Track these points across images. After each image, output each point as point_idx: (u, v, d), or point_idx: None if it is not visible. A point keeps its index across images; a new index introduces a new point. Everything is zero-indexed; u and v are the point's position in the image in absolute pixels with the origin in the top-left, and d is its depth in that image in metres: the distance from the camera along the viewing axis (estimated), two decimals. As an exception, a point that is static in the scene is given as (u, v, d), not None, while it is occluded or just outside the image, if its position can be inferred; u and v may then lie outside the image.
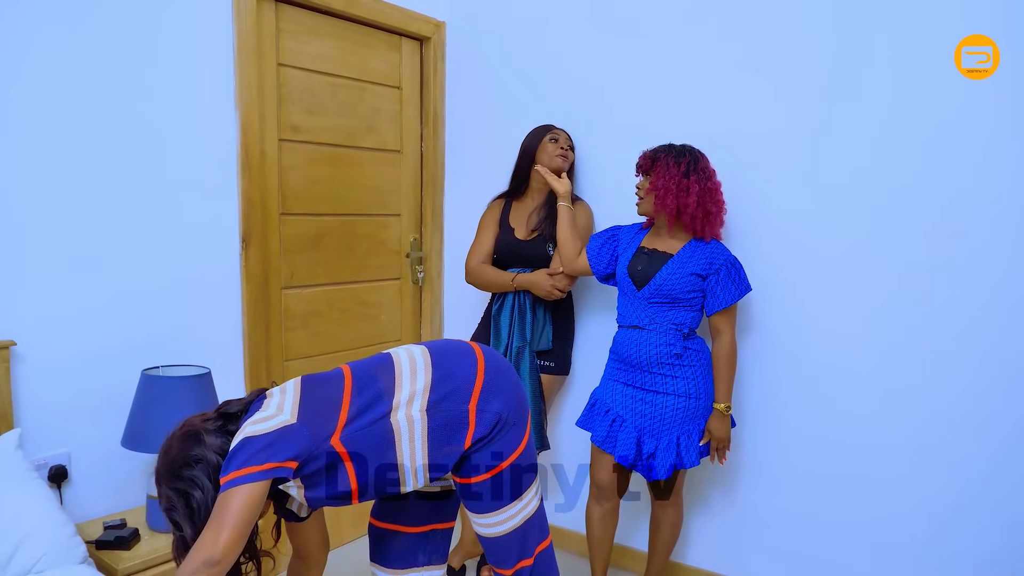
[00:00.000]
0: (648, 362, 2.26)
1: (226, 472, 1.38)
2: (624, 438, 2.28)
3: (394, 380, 1.57)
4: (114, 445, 2.15)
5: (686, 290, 2.23)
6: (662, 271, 2.25)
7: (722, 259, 2.24)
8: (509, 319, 2.60)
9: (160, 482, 1.48)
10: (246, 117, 2.43)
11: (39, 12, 1.95)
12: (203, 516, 1.41)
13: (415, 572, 1.86)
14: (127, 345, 2.19)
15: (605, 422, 2.33)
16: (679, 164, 2.22)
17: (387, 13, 2.90)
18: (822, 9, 2.33)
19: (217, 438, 1.48)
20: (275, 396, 1.53)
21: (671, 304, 2.25)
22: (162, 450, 1.50)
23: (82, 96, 2.05)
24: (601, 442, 2.33)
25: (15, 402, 1.97)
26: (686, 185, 2.20)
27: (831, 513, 2.43)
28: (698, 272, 2.23)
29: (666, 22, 2.61)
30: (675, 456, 2.25)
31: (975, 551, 2.21)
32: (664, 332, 2.26)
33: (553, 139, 2.64)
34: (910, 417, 2.28)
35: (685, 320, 2.26)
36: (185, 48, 2.27)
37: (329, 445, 1.47)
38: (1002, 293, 2.13)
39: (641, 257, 2.33)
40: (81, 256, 2.08)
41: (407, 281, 3.19)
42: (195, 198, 2.34)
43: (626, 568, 2.81)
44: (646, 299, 2.28)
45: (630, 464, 2.28)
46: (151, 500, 2.06)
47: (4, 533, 1.53)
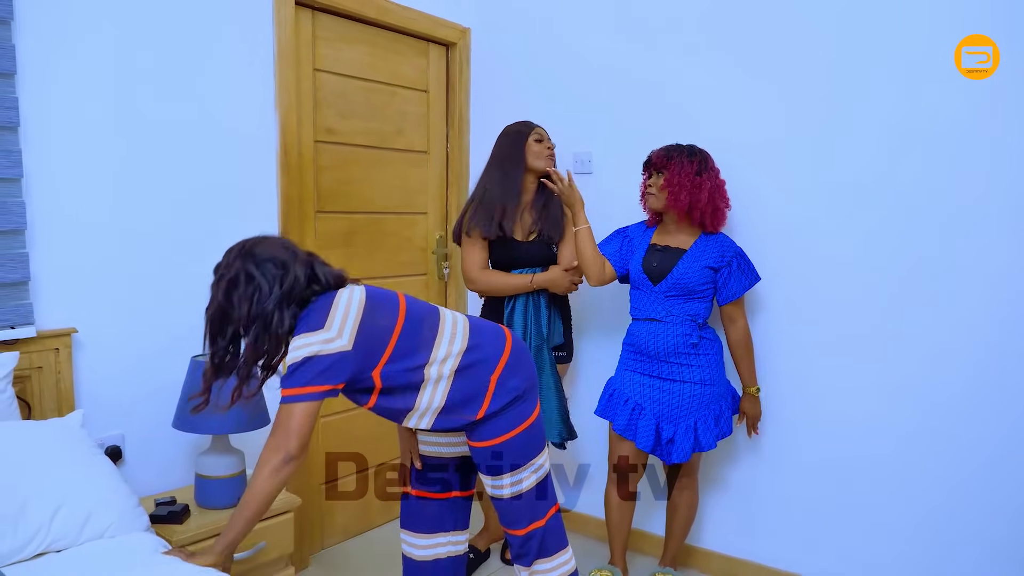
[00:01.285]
0: (666, 352, 2.39)
1: (291, 386, 1.59)
2: (644, 425, 2.41)
3: (436, 335, 1.75)
4: (164, 427, 2.29)
5: (700, 283, 2.37)
6: (678, 266, 2.38)
7: (732, 251, 2.40)
8: (523, 319, 2.56)
9: (234, 258, 1.67)
10: (285, 120, 2.57)
11: (94, 19, 2.10)
12: (254, 306, 1.62)
13: (444, 536, 2.03)
14: (176, 333, 2.33)
15: (625, 411, 2.45)
16: (691, 162, 2.36)
17: (415, 20, 3.04)
18: (825, 14, 2.44)
19: (296, 291, 1.65)
20: (340, 309, 1.64)
21: (686, 296, 2.38)
22: (254, 239, 1.71)
23: (134, 101, 2.20)
24: (623, 430, 2.45)
25: (75, 385, 2.12)
26: (699, 182, 2.34)
27: (843, 499, 2.53)
28: (711, 265, 2.37)
29: (686, 28, 2.73)
30: (693, 440, 2.38)
31: (982, 539, 2.30)
32: (681, 323, 2.39)
33: (538, 139, 2.59)
34: (917, 407, 2.38)
35: (699, 311, 2.40)
36: (230, 56, 2.42)
37: (370, 376, 1.68)
38: (1004, 288, 2.23)
39: (655, 254, 2.45)
40: (135, 251, 2.23)
41: (433, 276, 3.32)
42: (238, 197, 2.48)
43: (643, 552, 2.93)
44: (663, 293, 2.41)
45: (651, 450, 2.41)
46: (200, 479, 2.20)
47: (78, 502, 1.67)
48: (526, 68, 3.16)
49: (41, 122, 2.00)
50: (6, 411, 1.85)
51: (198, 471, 2.21)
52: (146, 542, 1.70)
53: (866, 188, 2.42)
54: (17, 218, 1.95)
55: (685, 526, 2.61)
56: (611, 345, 2.84)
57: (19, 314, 1.98)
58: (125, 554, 1.61)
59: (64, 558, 1.59)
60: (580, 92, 3.00)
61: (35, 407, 2.03)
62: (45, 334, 2.02)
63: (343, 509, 2.96)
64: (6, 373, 1.86)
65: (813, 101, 2.49)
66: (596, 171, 2.97)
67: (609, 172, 2.93)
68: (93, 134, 2.12)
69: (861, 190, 2.43)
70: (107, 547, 1.64)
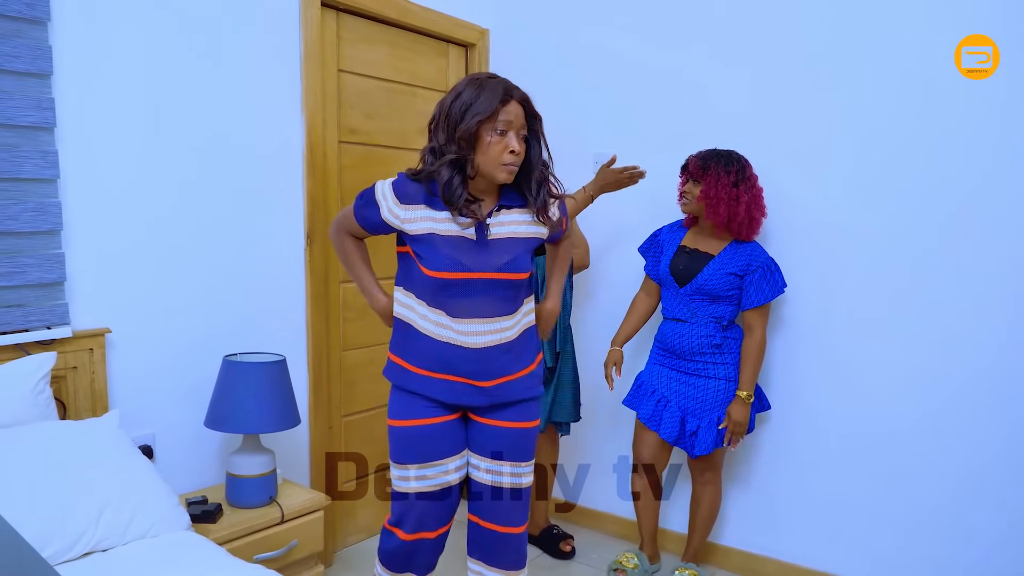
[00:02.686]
0: (691, 351, 2.44)
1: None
2: (669, 417, 2.47)
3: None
4: (194, 427, 2.31)
5: (725, 288, 2.40)
6: (704, 271, 2.42)
7: (759, 261, 2.40)
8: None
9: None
10: (311, 121, 2.58)
11: (127, 20, 2.10)
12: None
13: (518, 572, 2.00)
14: (207, 333, 2.34)
15: (651, 402, 2.52)
16: (729, 173, 2.36)
17: (436, 21, 3.05)
18: (826, 15, 2.49)
19: None
20: None
21: (711, 300, 2.42)
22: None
23: (165, 103, 2.20)
24: (647, 420, 2.51)
25: (108, 385, 2.13)
26: (736, 195, 2.35)
27: (861, 493, 2.56)
28: (736, 272, 2.40)
29: (705, 28, 2.75)
30: (716, 434, 2.43)
31: (995, 526, 2.34)
32: (705, 324, 2.42)
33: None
34: (937, 402, 2.41)
35: (725, 313, 2.43)
36: (258, 57, 2.43)
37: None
38: (1009, 285, 2.26)
39: (682, 256, 2.49)
40: (166, 250, 2.24)
41: (451, 276, 3.34)
42: (266, 197, 2.49)
43: (663, 548, 2.95)
44: (688, 295, 2.44)
45: (674, 440, 2.46)
46: (231, 478, 2.22)
47: (122, 502, 1.68)
48: (544, 69, 3.17)
49: (77, 123, 2.01)
50: (45, 411, 1.85)
51: (229, 470, 2.22)
52: (190, 541, 1.71)
53: (885, 186, 2.44)
54: (54, 218, 1.96)
55: (708, 521, 2.64)
56: (640, 346, 2.87)
57: (55, 314, 1.98)
58: (172, 553, 1.63)
59: (112, 558, 1.60)
60: (599, 92, 3.02)
61: (70, 407, 2.04)
62: (80, 334, 2.03)
63: (364, 507, 2.98)
64: (45, 373, 1.87)
65: (815, 102, 2.53)
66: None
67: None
68: (126, 135, 2.12)
69: (862, 189, 2.47)
70: (153, 546, 1.66)
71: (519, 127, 1.73)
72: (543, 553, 2.94)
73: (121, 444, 1.86)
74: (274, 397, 2.21)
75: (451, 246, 1.75)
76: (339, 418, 2.84)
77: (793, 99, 2.58)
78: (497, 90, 1.70)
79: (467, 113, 1.69)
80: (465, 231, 1.76)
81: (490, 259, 1.77)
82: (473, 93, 1.70)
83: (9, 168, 1.87)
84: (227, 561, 1.59)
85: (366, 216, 1.85)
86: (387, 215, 1.79)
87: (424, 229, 1.76)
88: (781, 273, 2.46)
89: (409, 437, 1.84)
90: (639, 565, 2.62)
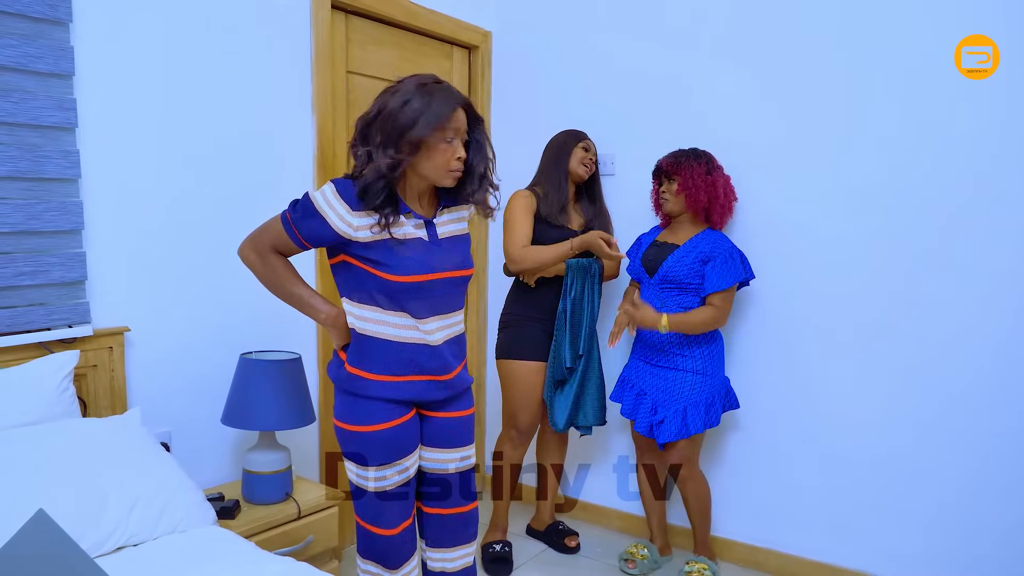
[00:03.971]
0: (660, 343, 2.57)
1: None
2: (644, 409, 2.59)
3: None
4: (209, 424, 2.33)
5: (690, 275, 2.51)
6: (668, 259, 2.55)
7: (722, 247, 2.53)
8: (584, 302, 2.71)
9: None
10: (321, 121, 2.61)
11: (145, 23, 2.12)
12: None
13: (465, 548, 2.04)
14: (219, 333, 2.36)
15: (631, 395, 2.65)
16: (700, 164, 2.53)
17: (440, 23, 3.09)
18: (827, 16, 2.55)
19: None
20: None
21: (680, 290, 2.54)
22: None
23: (182, 104, 2.23)
24: (627, 413, 2.66)
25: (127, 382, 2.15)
26: (711, 181, 2.52)
27: (863, 487, 2.63)
28: (700, 259, 2.51)
29: (704, 33, 2.81)
30: (680, 424, 2.52)
31: (1001, 521, 2.41)
32: None
33: (585, 148, 2.77)
34: (932, 396, 2.48)
35: (693, 305, 2.54)
36: (270, 58, 2.45)
37: None
38: (1008, 283, 2.33)
39: (653, 248, 2.64)
40: (183, 250, 2.26)
41: (454, 275, 3.37)
42: (278, 198, 2.48)
43: (674, 543, 2.98)
44: (657, 285, 2.57)
45: (646, 432, 2.57)
46: (247, 474, 2.24)
47: (152, 497, 1.71)
48: (545, 71, 3.22)
49: (97, 123, 2.03)
50: (69, 408, 1.87)
51: (246, 467, 2.25)
52: (219, 536, 1.74)
53: (869, 186, 2.52)
54: (75, 218, 1.98)
55: (702, 514, 2.71)
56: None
57: (77, 313, 2.00)
58: (204, 548, 1.65)
59: (144, 552, 1.62)
60: (600, 95, 3.07)
61: (90, 404, 2.06)
62: (100, 332, 2.05)
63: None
64: (68, 371, 1.89)
65: (815, 102, 2.60)
66: (619, 172, 3.04)
67: (631, 173, 3.00)
68: (144, 135, 2.14)
69: (864, 189, 2.53)
70: (183, 541, 1.68)
71: (463, 132, 1.76)
72: (548, 548, 2.98)
73: (145, 441, 1.88)
74: (290, 395, 2.24)
75: (413, 249, 1.75)
76: (347, 416, 2.87)
77: (793, 100, 2.64)
78: (448, 99, 1.69)
79: (419, 120, 1.65)
80: (419, 232, 1.78)
81: (449, 257, 1.82)
82: (424, 100, 1.66)
83: (33, 168, 1.88)
84: (260, 555, 1.62)
85: (309, 228, 1.72)
86: (339, 224, 1.69)
87: (376, 236, 1.72)
88: (747, 262, 2.58)
89: (369, 441, 1.80)
90: (649, 556, 2.69)
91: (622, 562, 2.74)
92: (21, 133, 1.87)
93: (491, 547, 2.83)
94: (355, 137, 1.75)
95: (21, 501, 1.48)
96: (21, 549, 1.28)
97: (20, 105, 1.85)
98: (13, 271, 1.88)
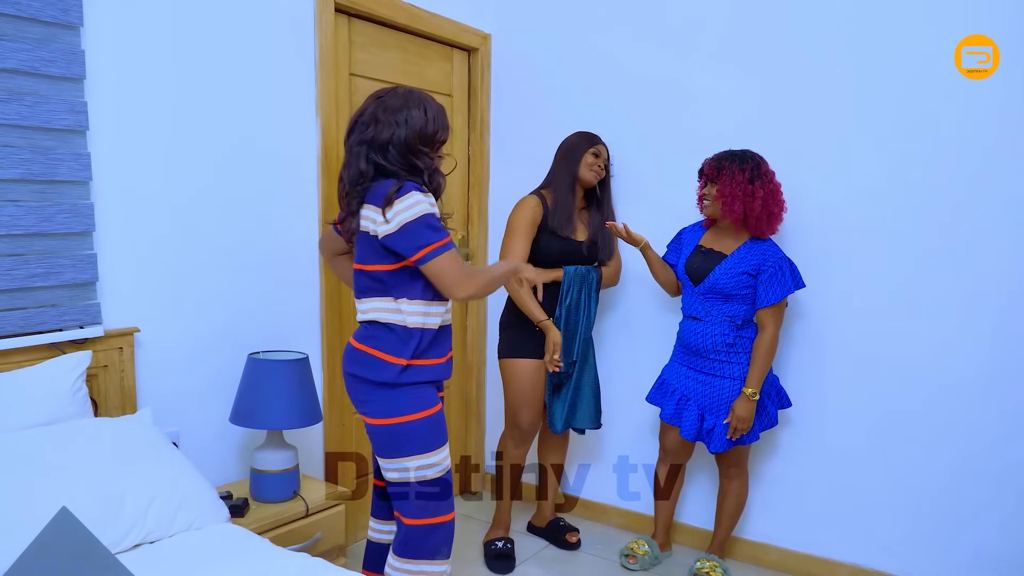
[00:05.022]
0: (705, 349, 2.53)
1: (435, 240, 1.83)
2: (688, 416, 2.56)
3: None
4: (217, 424, 2.35)
5: (737, 287, 2.47)
6: (715, 270, 2.49)
7: (773, 259, 2.45)
8: (579, 309, 2.75)
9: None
10: (326, 124, 2.64)
11: (154, 26, 2.15)
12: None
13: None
14: (227, 334, 2.38)
15: (672, 401, 2.61)
16: (743, 171, 2.41)
17: (441, 26, 3.12)
18: (828, 18, 2.60)
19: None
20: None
21: (724, 299, 2.50)
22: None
23: (191, 107, 2.25)
24: (669, 419, 2.62)
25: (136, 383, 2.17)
26: (751, 191, 2.40)
27: (861, 482, 2.69)
28: (749, 271, 2.46)
29: (704, 34, 2.85)
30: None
31: (994, 513, 2.47)
32: (718, 323, 2.51)
33: (595, 153, 2.77)
34: (943, 394, 2.53)
35: (739, 312, 2.50)
36: (276, 61, 2.47)
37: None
38: (1012, 277, 2.39)
39: (697, 255, 2.57)
40: (190, 253, 2.28)
41: (454, 276, 3.40)
42: (284, 200, 2.54)
43: (677, 541, 3.04)
44: (702, 294, 2.54)
45: (694, 438, 2.56)
46: (255, 473, 2.26)
47: (167, 495, 1.73)
48: (545, 73, 3.26)
49: (107, 126, 2.05)
50: (81, 408, 1.89)
51: (254, 466, 2.27)
52: (234, 533, 1.77)
53: (869, 186, 2.57)
54: (87, 220, 1.99)
55: (734, 515, 2.73)
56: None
57: (88, 314, 2.02)
58: (221, 544, 1.68)
59: (163, 549, 1.65)
60: (599, 97, 3.11)
61: (101, 404, 2.07)
62: (111, 333, 2.07)
63: (365, 505, 3.02)
64: (81, 372, 1.91)
65: (815, 103, 2.64)
66: (618, 174, 3.07)
67: (631, 175, 3.04)
68: (153, 138, 2.16)
69: (864, 189, 2.58)
70: (199, 538, 1.71)
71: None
72: (550, 545, 3.02)
73: (158, 440, 1.90)
74: (298, 394, 2.26)
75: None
76: (351, 415, 2.90)
77: (793, 100, 2.68)
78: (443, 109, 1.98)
79: (443, 127, 1.95)
80: None
81: None
82: (438, 108, 1.95)
83: (45, 171, 1.90)
84: (277, 551, 1.65)
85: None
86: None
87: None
88: (798, 272, 2.50)
89: (436, 422, 1.96)
90: (649, 552, 2.73)
91: (623, 558, 2.78)
92: (34, 136, 1.88)
93: (494, 544, 2.87)
94: (397, 154, 1.88)
95: (42, 500, 1.51)
96: (48, 547, 1.30)
97: (33, 108, 1.87)
98: (26, 272, 1.89)
